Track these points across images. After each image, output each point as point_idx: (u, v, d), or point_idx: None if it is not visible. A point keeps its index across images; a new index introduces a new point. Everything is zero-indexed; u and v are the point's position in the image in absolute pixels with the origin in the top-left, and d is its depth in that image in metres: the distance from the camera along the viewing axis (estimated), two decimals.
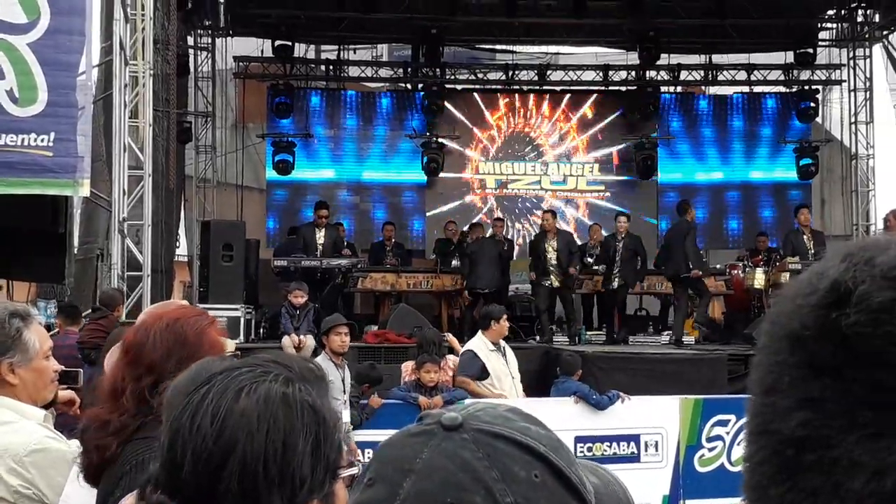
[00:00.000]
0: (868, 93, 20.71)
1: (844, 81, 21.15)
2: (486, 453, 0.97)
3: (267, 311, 15.25)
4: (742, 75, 21.83)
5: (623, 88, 21.92)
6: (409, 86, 22.03)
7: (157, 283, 13.39)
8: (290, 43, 20.41)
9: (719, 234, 21.90)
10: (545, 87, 21.96)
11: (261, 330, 14.80)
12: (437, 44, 20.27)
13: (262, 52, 20.87)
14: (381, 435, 8.24)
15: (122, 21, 12.76)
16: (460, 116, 21.41)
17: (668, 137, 21.59)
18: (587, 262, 16.24)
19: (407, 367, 10.49)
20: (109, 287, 12.25)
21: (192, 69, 19.98)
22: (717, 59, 21.96)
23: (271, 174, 21.05)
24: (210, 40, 20.83)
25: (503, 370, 9.84)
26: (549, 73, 21.97)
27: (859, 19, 20.85)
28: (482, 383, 9.67)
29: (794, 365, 0.81)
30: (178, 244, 19.34)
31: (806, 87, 21.34)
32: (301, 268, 14.71)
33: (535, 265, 14.88)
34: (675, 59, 21.59)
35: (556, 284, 14.58)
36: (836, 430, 0.78)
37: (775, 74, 21.76)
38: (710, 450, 10.23)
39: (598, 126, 21.73)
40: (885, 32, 20.43)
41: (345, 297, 16.13)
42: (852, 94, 20.88)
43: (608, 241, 15.47)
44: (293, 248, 15.87)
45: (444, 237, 17.98)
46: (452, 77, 21.84)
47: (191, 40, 20.01)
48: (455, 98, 21.40)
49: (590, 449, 9.82)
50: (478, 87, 22.18)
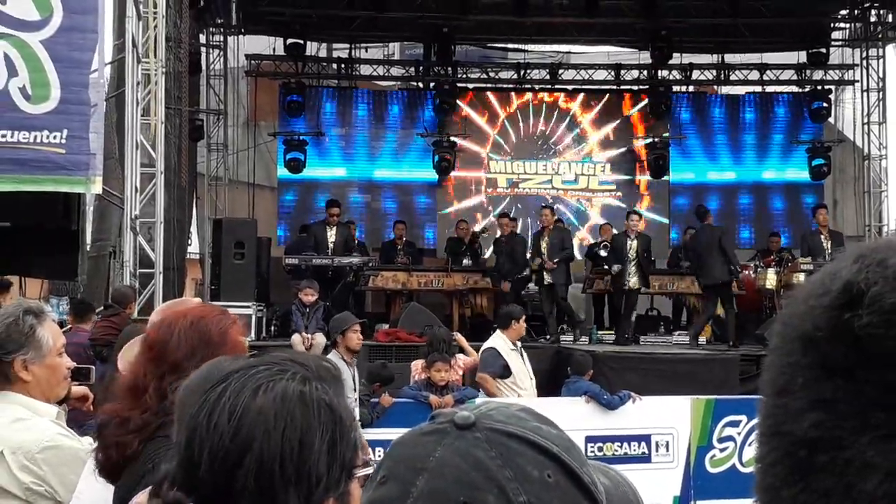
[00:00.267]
0: (881, 93, 20.63)
1: (857, 81, 21.09)
2: (500, 452, 0.97)
3: (278, 308, 15.28)
4: (754, 75, 21.77)
5: (635, 88, 21.88)
6: (420, 84, 22.02)
7: (168, 280, 13.43)
8: (301, 41, 20.43)
9: (731, 235, 21.81)
10: (557, 87, 21.94)
11: (272, 328, 14.83)
12: (449, 43, 20.26)
13: (274, 50, 20.90)
14: (391, 433, 8.25)
15: (134, 19, 12.80)
16: (472, 115, 21.40)
17: (680, 137, 21.54)
18: (599, 255, 16.31)
19: (417, 365, 10.50)
20: (121, 284, 12.27)
21: (204, 67, 20.01)
22: (730, 58, 21.90)
23: (283, 172, 21.07)
24: (222, 38, 20.86)
25: (523, 369, 9.94)
26: (560, 72, 21.94)
27: (872, 19, 20.76)
28: (505, 381, 9.76)
29: (807, 366, 0.81)
30: (189, 242, 19.38)
31: (818, 87, 21.25)
32: (312, 266, 14.73)
33: (532, 261, 15.02)
34: (688, 58, 21.54)
35: (548, 281, 14.62)
36: (849, 432, 0.78)
37: (788, 74, 21.69)
38: (722, 450, 10.21)
39: (609, 125, 21.68)
40: None
41: (356, 296, 16.13)
42: (865, 94, 20.81)
43: (619, 239, 15.42)
44: (304, 247, 15.89)
45: (455, 236, 17.96)
46: (464, 76, 21.83)
47: (203, 38, 20.04)
48: (466, 97, 21.39)
49: (601, 449, 9.81)
50: (489, 85, 22.16)
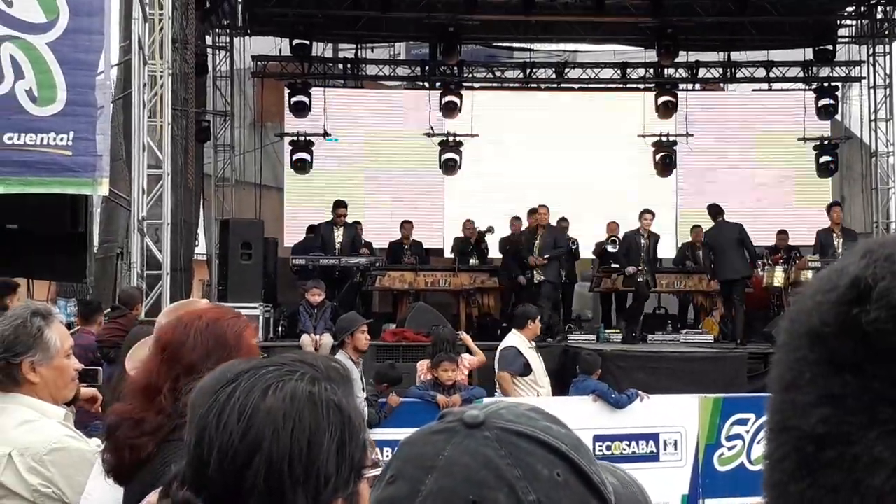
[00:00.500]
0: (888, 90, 20.56)
1: (864, 78, 21.03)
2: (509, 451, 0.97)
3: (285, 309, 15.29)
4: (761, 72, 21.73)
5: (641, 86, 21.86)
6: (426, 84, 22.02)
7: (176, 281, 13.45)
8: (307, 42, 20.42)
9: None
10: (563, 85, 21.93)
11: (279, 328, 14.83)
12: (455, 42, 20.23)
13: (280, 51, 20.91)
14: (398, 433, 8.25)
15: (140, 20, 12.81)
16: (478, 114, 21.38)
17: (687, 135, 21.51)
18: (608, 251, 16.33)
19: (422, 366, 10.51)
20: (129, 286, 12.29)
21: (210, 68, 20.03)
22: (736, 56, 21.87)
23: (289, 173, 21.09)
24: (228, 39, 20.88)
25: (541, 368, 10.08)
26: (567, 70, 21.94)
27: (879, 16, 20.72)
28: (524, 380, 9.86)
29: (814, 361, 0.81)
30: (197, 243, 19.41)
31: (825, 84, 21.20)
32: (319, 266, 14.74)
33: (517, 257, 15.07)
34: (694, 56, 21.53)
35: (539, 278, 14.62)
36: (857, 427, 0.78)
37: (794, 71, 21.65)
38: (730, 449, 10.19)
39: (616, 124, 21.65)
40: None
41: (363, 296, 16.14)
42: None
43: (632, 237, 15.39)
44: (311, 247, 15.90)
45: (462, 235, 17.96)
46: (470, 75, 21.84)
47: (209, 39, 20.06)
48: (473, 96, 21.38)
49: (608, 448, 9.80)
50: (496, 85, 22.17)
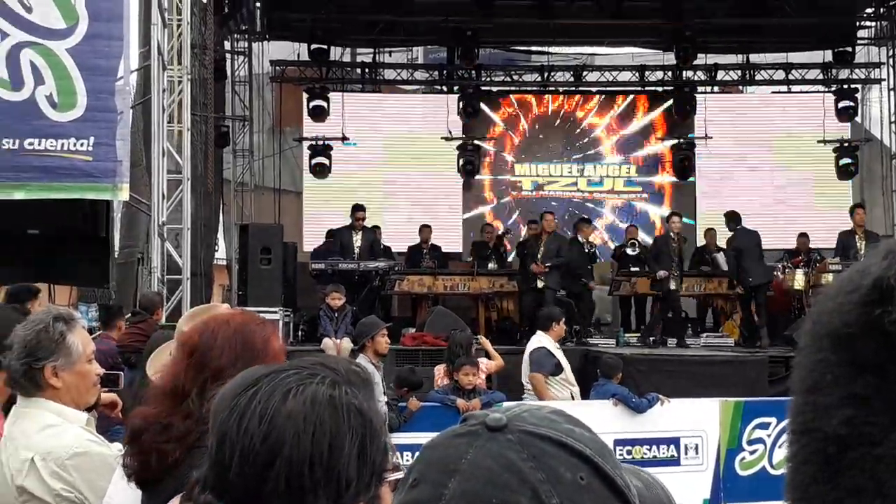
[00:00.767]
0: None
1: (884, 80, 20.92)
2: (532, 454, 0.97)
3: (305, 313, 15.31)
4: (780, 75, 21.65)
5: (659, 89, 21.81)
6: (444, 88, 22.04)
7: (196, 286, 13.50)
8: (325, 47, 20.47)
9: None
10: (581, 89, 21.91)
11: (299, 333, 14.85)
12: (473, 46, 20.22)
13: (299, 55, 20.96)
14: (418, 437, 8.26)
15: (159, 26, 12.87)
16: (496, 118, 21.39)
17: (706, 138, 21.46)
18: (627, 254, 16.37)
19: (439, 370, 10.54)
20: (149, 291, 12.34)
21: (229, 73, 20.09)
22: (755, 58, 21.79)
23: (308, 177, 21.13)
24: (247, 44, 20.93)
25: (568, 368, 10.10)
26: (584, 74, 21.91)
27: None
28: (556, 378, 9.94)
29: (837, 363, 0.81)
30: (216, 247, 19.47)
31: (845, 86, 21.10)
32: (338, 270, 14.76)
33: (524, 262, 15.02)
34: (713, 58, 21.45)
35: (541, 284, 14.62)
36: (880, 428, 0.77)
37: (814, 74, 21.55)
38: (752, 453, 10.15)
39: (634, 127, 21.63)
40: None
41: (382, 300, 16.14)
42: (892, 92, 20.61)
43: (662, 241, 15.30)
44: (330, 251, 15.92)
45: (480, 239, 17.95)
46: (488, 79, 21.83)
47: (228, 45, 20.12)
48: (491, 100, 21.38)
49: (629, 452, 9.77)
50: (513, 88, 22.16)
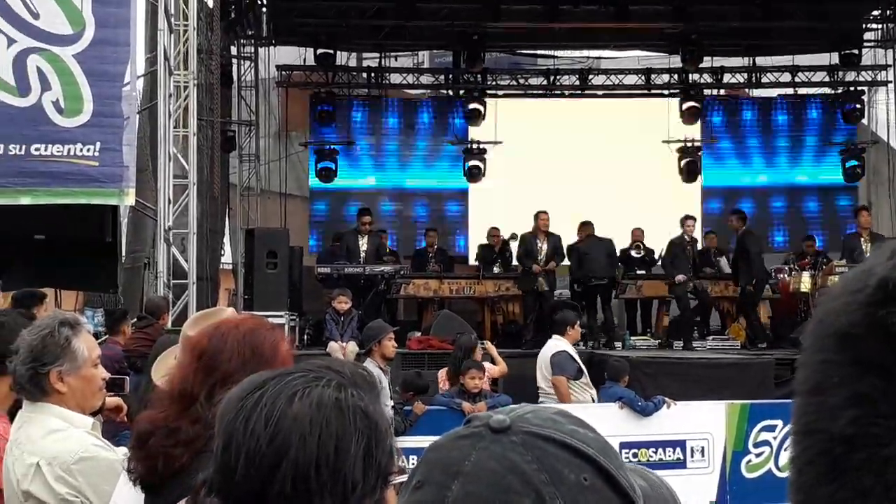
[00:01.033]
0: None
1: (890, 82, 20.89)
2: (536, 456, 0.97)
3: (311, 317, 15.32)
4: (786, 77, 21.62)
5: (666, 92, 21.80)
6: (450, 92, 22.06)
7: (202, 290, 13.50)
8: (331, 51, 20.49)
9: (764, 239, 21.68)
10: (587, 92, 21.90)
11: (305, 336, 14.86)
12: (479, 50, 20.22)
13: (305, 60, 20.97)
14: (423, 441, 8.24)
15: (166, 31, 12.90)
16: (502, 122, 21.39)
17: (712, 141, 21.46)
18: (632, 256, 16.43)
19: (441, 375, 10.56)
20: (155, 295, 12.35)
21: (235, 78, 20.11)
22: (761, 61, 21.77)
23: (314, 182, 21.16)
24: (253, 49, 20.95)
25: (586, 371, 10.23)
26: (590, 77, 21.91)
27: None
28: (578, 382, 10.04)
29: (842, 363, 0.80)
30: (223, 252, 19.48)
31: (851, 89, 21.09)
32: (344, 275, 14.77)
33: (523, 262, 15.01)
34: (719, 61, 21.44)
35: (544, 288, 14.59)
36: (887, 429, 0.77)
37: (820, 76, 21.53)
38: (758, 455, 10.14)
39: (640, 130, 21.59)
40: None
41: (388, 304, 16.15)
42: None
43: (677, 245, 15.27)
44: (336, 256, 15.94)
45: (486, 243, 17.96)
46: (494, 83, 21.83)
47: (234, 50, 20.14)
48: (497, 104, 21.38)
49: (635, 455, 9.77)
50: (519, 92, 22.16)
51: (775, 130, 21.85)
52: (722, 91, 22.12)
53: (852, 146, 20.92)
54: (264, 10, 20.01)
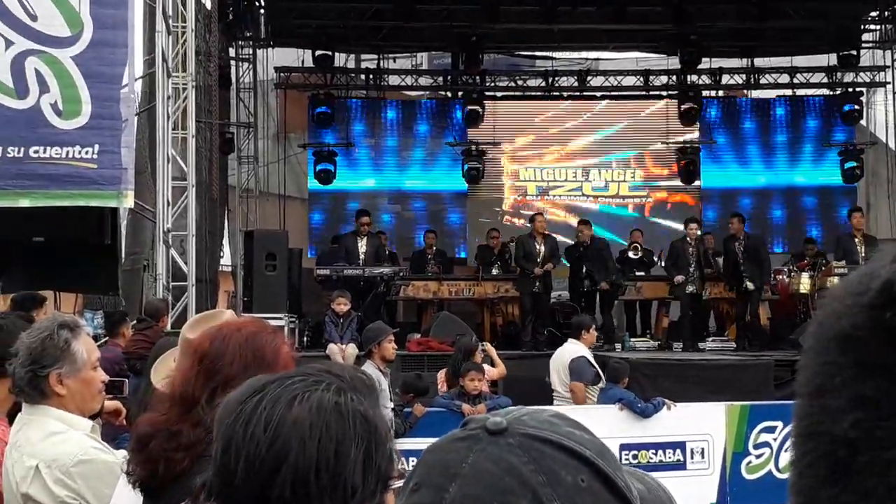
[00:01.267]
0: None
1: (889, 83, 20.90)
2: (533, 458, 0.97)
3: (310, 319, 15.30)
4: (784, 78, 21.63)
5: (664, 93, 21.81)
6: (449, 94, 22.08)
7: (201, 292, 13.50)
8: (330, 53, 20.50)
9: (763, 240, 21.68)
10: (585, 93, 21.91)
11: (304, 339, 14.85)
12: (477, 51, 20.22)
13: (303, 62, 20.98)
14: (422, 443, 8.21)
15: (164, 33, 12.90)
16: (501, 123, 21.40)
17: (711, 142, 21.47)
18: (630, 258, 16.43)
19: (440, 377, 10.55)
20: (154, 297, 12.35)
21: (233, 80, 20.12)
22: (759, 62, 21.78)
23: (313, 184, 21.17)
24: (251, 51, 20.95)
25: (603, 377, 10.31)
26: (589, 78, 21.91)
27: None
28: (596, 388, 10.17)
29: (844, 365, 0.80)
30: (222, 254, 19.48)
31: (850, 90, 21.11)
32: (343, 276, 14.76)
33: (522, 265, 14.97)
34: (717, 62, 21.44)
35: (540, 289, 14.63)
36: (890, 431, 0.76)
37: (818, 77, 21.54)
38: (758, 457, 10.14)
39: (639, 132, 21.62)
40: None
41: (387, 306, 16.14)
42: None
43: (679, 246, 15.27)
44: (335, 257, 15.93)
45: (485, 244, 17.96)
46: (492, 84, 21.83)
47: (232, 52, 20.15)
48: (495, 105, 21.39)
49: (635, 456, 9.76)
50: (518, 93, 22.18)
51: (774, 132, 21.85)
52: (720, 92, 22.12)
53: (851, 147, 20.93)
54: (262, 11, 20.04)
